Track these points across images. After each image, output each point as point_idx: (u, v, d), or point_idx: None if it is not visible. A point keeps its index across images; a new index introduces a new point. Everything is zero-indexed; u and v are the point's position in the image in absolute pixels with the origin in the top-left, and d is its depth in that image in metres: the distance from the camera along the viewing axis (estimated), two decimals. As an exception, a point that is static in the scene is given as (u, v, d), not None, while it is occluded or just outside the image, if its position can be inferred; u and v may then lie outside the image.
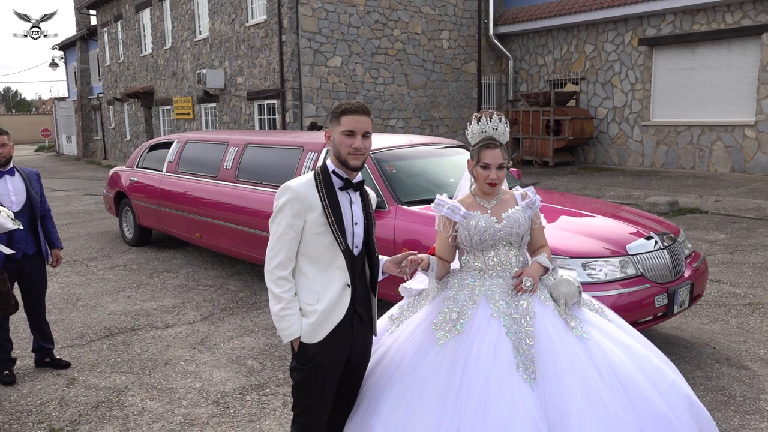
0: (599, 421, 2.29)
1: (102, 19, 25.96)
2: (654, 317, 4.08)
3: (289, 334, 2.43)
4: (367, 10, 15.29)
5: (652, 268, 4.12)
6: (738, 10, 13.09)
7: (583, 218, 4.58)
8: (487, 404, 2.31)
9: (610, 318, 2.74)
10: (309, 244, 2.43)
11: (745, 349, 4.50)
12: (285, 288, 2.42)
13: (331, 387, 2.53)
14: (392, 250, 4.79)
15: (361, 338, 2.57)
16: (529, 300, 2.57)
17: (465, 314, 2.54)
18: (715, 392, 3.83)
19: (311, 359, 2.45)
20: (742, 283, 6.05)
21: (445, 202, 2.69)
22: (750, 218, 9.11)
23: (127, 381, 4.25)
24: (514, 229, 2.62)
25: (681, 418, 2.43)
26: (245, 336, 5.04)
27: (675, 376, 2.60)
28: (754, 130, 13.03)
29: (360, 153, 2.44)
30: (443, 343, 2.50)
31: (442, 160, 5.93)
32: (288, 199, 2.42)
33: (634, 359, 2.51)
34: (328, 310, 2.43)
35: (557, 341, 2.47)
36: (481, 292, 2.60)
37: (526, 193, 2.75)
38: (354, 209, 2.51)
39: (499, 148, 2.62)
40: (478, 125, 2.65)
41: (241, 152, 6.75)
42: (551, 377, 2.38)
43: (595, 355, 2.45)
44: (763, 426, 3.44)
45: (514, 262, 2.66)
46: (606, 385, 2.37)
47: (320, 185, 2.45)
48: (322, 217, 2.42)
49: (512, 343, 2.44)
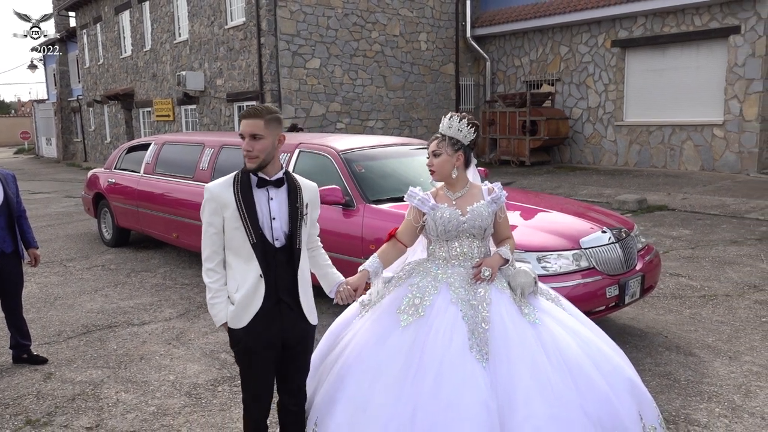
0: (544, 399, 2.49)
1: (81, 21, 25.88)
2: (606, 307, 4.31)
3: (217, 320, 2.70)
4: (345, 13, 15.47)
5: (605, 261, 4.35)
6: (706, 13, 13.45)
7: (541, 214, 4.80)
8: (440, 382, 2.51)
9: (564, 307, 2.95)
10: (229, 238, 2.65)
11: (694, 337, 4.75)
12: (213, 279, 2.69)
13: (263, 368, 2.71)
14: (361, 247, 4.98)
15: (291, 324, 2.71)
16: (487, 288, 2.78)
17: (427, 299, 2.75)
18: (662, 377, 4.07)
19: (238, 343, 2.69)
20: (699, 276, 6.32)
21: (417, 194, 2.92)
22: (714, 215, 9.42)
23: (102, 375, 4.40)
24: (477, 222, 2.83)
25: (622, 399, 2.63)
26: (219, 331, 5.19)
27: (620, 360, 2.81)
28: (722, 129, 13.40)
29: (251, 155, 2.58)
30: (406, 326, 2.70)
31: (411, 160, 6.12)
32: (206, 199, 2.68)
33: (581, 344, 2.71)
34: (246, 299, 2.63)
35: (510, 326, 2.67)
36: (443, 280, 2.81)
37: (492, 188, 2.96)
38: (272, 205, 2.67)
39: (437, 139, 2.87)
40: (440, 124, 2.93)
41: (217, 153, 6.90)
42: (503, 359, 2.58)
43: (545, 339, 2.66)
44: (703, 407, 3.67)
45: (476, 253, 2.87)
46: (553, 368, 2.57)
47: (237, 184, 2.65)
48: (235, 213, 2.62)
49: (468, 326, 2.64)
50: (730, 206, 9.83)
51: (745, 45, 12.90)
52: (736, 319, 5.10)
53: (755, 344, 4.57)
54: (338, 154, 5.54)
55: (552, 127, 15.75)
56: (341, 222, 5.16)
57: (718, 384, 3.95)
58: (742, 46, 12.93)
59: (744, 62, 12.94)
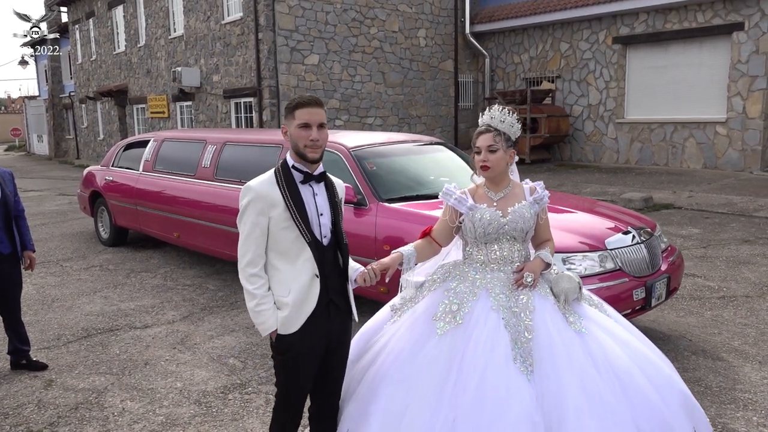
0: (595, 414, 2.31)
1: (73, 16, 25.52)
2: (632, 311, 4.14)
3: (265, 327, 2.51)
4: (343, 8, 15.26)
5: (630, 262, 4.19)
6: (709, 10, 13.33)
7: (563, 214, 4.63)
8: (483, 395, 2.33)
9: (609, 313, 2.77)
10: (276, 239, 2.48)
11: (719, 340, 4.60)
12: (257, 284, 2.50)
13: (309, 374, 2.58)
14: (374, 247, 4.80)
15: (338, 326, 2.61)
16: (529, 294, 2.59)
17: (465, 306, 2.56)
18: (692, 383, 3.90)
19: (288, 349, 2.52)
20: (715, 277, 6.17)
21: (453, 192, 2.71)
22: (722, 213, 9.29)
23: (106, 382, 4.20)
24: (518, 225, 2.64)
25: (675, 413, 2.46)
26: (226, 335, 5.01)
27: (671, 372, 2.63)
28: (725, 127, 13.29)
29: (317, 145, 2.47)
30: (442, 334, 2.52)
31: (422, 157, 5.95)
32: (250, 199, 2.47)
33: (631, 354, 2.53)
34: (300, 302, 2.48)
35: (556, 335, 2.49)
36: (482, 285, 2.62)
37: (534, 188, 2.77)
38: (318, 201, 2.54)
39: (492, 132, 2.63)
40: (481, 119, 2.72)
41: (220, 150, 6.69)
42: (549, 370, 2.40)
43: (593, 349, 2.48)
44: (739, 415, 3.52)
45: (516, 257, 2.68)
46: (603, 380, 2.39)
47: (281, 181, 2.49)
48: (285, 212, 2.46)
49: (510, 335, 2.46)
50: (737, 204, 9.71)
51: (748, 42, 12.78)
52: (759, 321, 4.95)
53: (783, 348, 4.43)
54: (348, 152, 5.35)
55: (552, 125, 15.61)
56: (353, 221, 4.97)
57: (752, 390, 3.79)
58: (746, 42, 12.82)
59: (747, 59, 12.83)
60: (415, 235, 3.96)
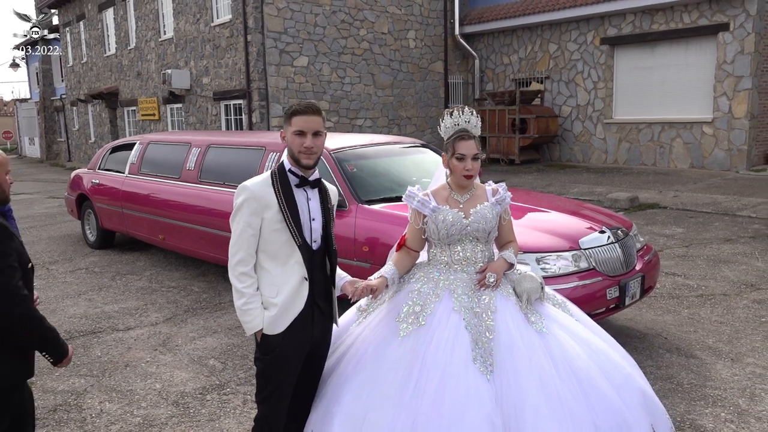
0: (553, 414, 2.34)
1: (64, 18, 25.48)
2: (606, 309, 4.20)
3: (251, 326, 2.54)
4: (332, 10, 15.30)
5: (604, 261, 4.24)
6: (695, 10, 13.43)
7: (538, 214, 4.68)
8: (442, 395, 2.36)
9: (572, 313, 2.80)
10: (267, 240, 2.52)
11: (694, 338, 4.66)
12: (247, 283, 2.53)
13: (292, 376, 2.62)
14: (353, 248, 4.84)
15: (320, 329, 2.66)
16: (491, 295, 2.62)
17: (428, 307, 2.59)
18: (664, 380, 3.96)
19: (273, 349, 2.55)
20: (695, 275, 6.24)
21: (416, 194, 2.74)
22: (706, 212, 9.37)
23: (86, 384, 4.22)
24: (481, 225, 2.67)
25: (634, 412, 2.49)
26: (208, 336, 5.04)
27: (631, 370, 2.66)
28: (712, 126, 13.39)
29: (311, 152, 2.53)
30: (405, 335, 2.55)
31: (403, 159, 5.99)
32: (245, 199, 2.51)
33: (591, 354, 2.56)
34: (287, 303, 2.52)
35: (516, 335, 2.51)
36: (444, 286, 2.65)
37: (497, 189, 2.80)
38: (311, 205, 2.60)
39: (473, 139, 2.67)
40: (451, 118, 2.71)
41: (204, 153, 6.72)
42: (509, 371, 2.43)
43: (553, 349, 2.50)
44: (708, 411, 3.57)
45: (479, 257, 2.72)
46: (562, 380, 2.42)
47: (276, 183, 2.54)
48: (278, 215, 2.51)
49: (471, 336, 2.49)
50: (721, 204, 9.79)
51: (734, 42, 12.89)
52: (735, 319, 5.02)
53: (756, 345, 4.49)
54: (329, 154, 5.39)
55: (541, 125, 15.69)
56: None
57: (722, 387, 3.85)
58: (731, 43, 12.92)
59: (733, 59, 12.94)
60: (394, 236, 4.01)
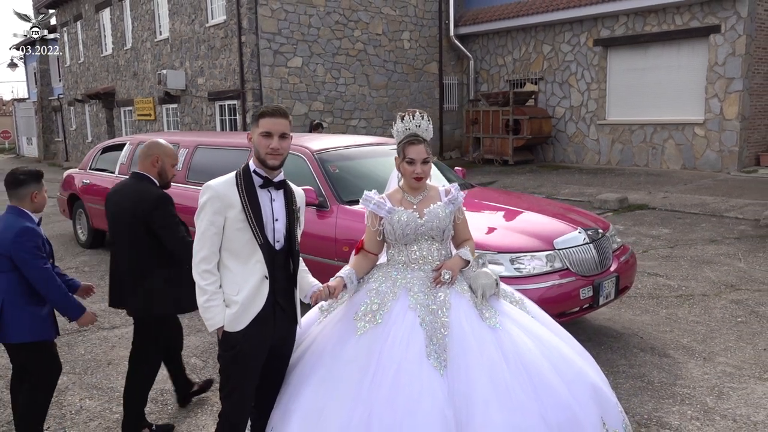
0: (502, 407, 2.41)
1: (61, 18, 25.55)
2: (580, 309, 4.27)
3: (213, 323, 2.59)
4: (327, 11, 15.37)
5: (579, 261, 4.30)
6: (687, 12, 13.49)
7: (515, 214, 4.75)
8: (397, 390, 2.43)
9: (528, 310, 2.87)
10: (230, 239, 2.58)
11: (670, 338, 4.72)
12: (209, 281, 2.58)
13: (254, 373, 2.66)
14: (334, 248, 4.90)
15: (282, 328, 2.70)
16: (447, 292, 2.69)
17: (385, 306, 2.67)
18: (635, 379, 4.03)
19: (233, 346, 2.60)
20: (677, 276, 6.30)
21: (372, 197, 2.83)
22: (694, 214, 9.44)
23: (68, 381, 4.29)
24: (434, 224, 2.75)
25: (583, 405, 2.55)
26: (191, 335, 5.10)
27: (583, 364, 2.73)
28: (703, 128, 13.45)
29: (277, 153, 2.60)
30: (362, 333, 2.62)
31: (386, 159, 6.03)
32: (208, 198, 2.57)
33: (543, 349, 2.63)
34: (248, 301, 2.57)
35: (469, 331, 2.59)
36: (402, 285, 2.73)
37: (449, 190, 2.88)
38: (275, 206, 2.65)
39: (423, 143, 2.75)
40: (402, 123, 2.80)
41: (192, 153, 6.79)
42: (461, 365, 2.50)
43: (505, 344, 2.57)
44: (675, 409, 3.63)
45: (436, 256, 2.79)
46: (512, 373, 2.49)
47: (240, 183, 2.60)
48: (241, 214, 2.56)
49: (426, 332, 2.56)
50: (709, 205, 9.86)
51: (725, 44, 12.95)
52: (711, 319, 5.08)
53: (730, 345, 4.55)
54: (312, 155, 5.46)
55: (535, 126, 15.75)
56: (315, 223, 5.07)
57: (691, 386, 3.92)
58: (723, 45, 12.99)
59: (724, 61, 13.00)
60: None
